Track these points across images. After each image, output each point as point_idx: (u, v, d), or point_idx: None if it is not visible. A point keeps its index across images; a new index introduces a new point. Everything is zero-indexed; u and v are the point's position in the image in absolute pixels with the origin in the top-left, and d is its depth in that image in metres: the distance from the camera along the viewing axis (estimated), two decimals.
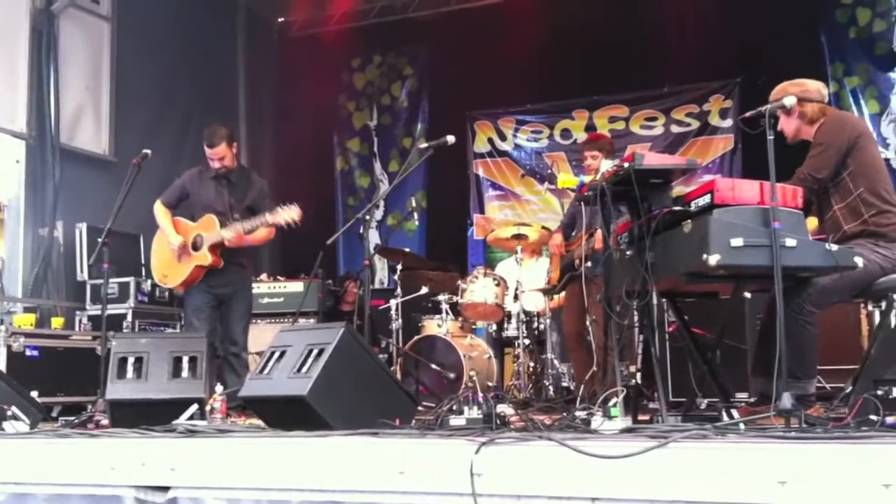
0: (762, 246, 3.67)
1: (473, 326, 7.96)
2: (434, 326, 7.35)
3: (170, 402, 4.52)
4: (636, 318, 4.50)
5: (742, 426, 3.50)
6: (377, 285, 10.39)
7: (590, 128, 10.45)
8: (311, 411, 3.93)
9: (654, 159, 4.03)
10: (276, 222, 6.23)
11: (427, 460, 3.09)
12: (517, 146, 10.91)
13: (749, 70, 9.37)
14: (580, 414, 4.21)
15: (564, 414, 4.50)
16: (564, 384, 7.44)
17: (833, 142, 4.42)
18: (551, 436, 3.20)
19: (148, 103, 9.54)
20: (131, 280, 7.91)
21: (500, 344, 7.88)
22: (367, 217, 5.87)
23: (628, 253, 4.13)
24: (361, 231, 6.10)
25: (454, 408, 3.86)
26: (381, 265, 10.74)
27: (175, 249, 6.41)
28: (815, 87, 4.61)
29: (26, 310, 7.84)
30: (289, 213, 6.18)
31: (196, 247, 6.39)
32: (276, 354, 4.33)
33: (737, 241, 3.67)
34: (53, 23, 8.42)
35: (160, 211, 6.60)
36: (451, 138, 5.73)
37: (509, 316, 7.50)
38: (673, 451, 2.82)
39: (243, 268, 6.66)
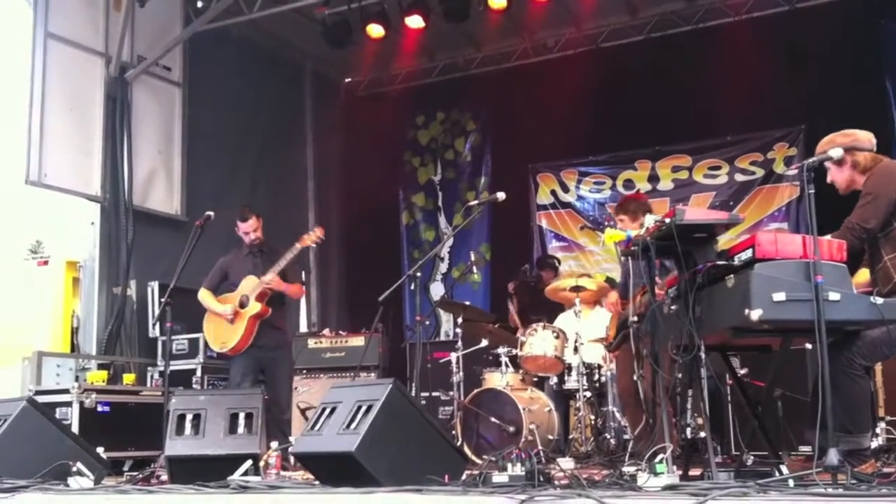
0: (805, 300, 3.64)
1: (535, 379, 7.94)
2: (495, 379, 7.36)
3: (226, 457, 4.64)
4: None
5: (791, 482, 3.46)
6: (442, 337, 10.44)
7: (653, 178, 10.44)
8: (359, 467, 4.00)
9: (694, 214, 4.06)
10: (303, 245, 6.79)
11: None
12: (580, 197, 10.92)
13: (814, 117, 9.26)
14: (629, 469, 4.18)
15: (612, 470, 4.47)
16: (627, 437, 7.35)
17: (882, 192, 4.36)
18: (590, 493, 3.24)
19: (218, 164, 9.86)
20: (200, 336, 8.07)
21: (562, 396, 7.83)
22: (418, 274, 5.96)
23: (673, 308, 4.13)
24: (412, 288, 6.20)
25: (499, 464, 3.87)
26: (446, 318, 10.82)
27: (227, 316, 6.80)
28: (865, 136, 4.54)
29: (100, 366, 8.12)
30: (310, 237, 6.80)
31: (243, 305, 6.81)
32: (327, 411, 4.43)
33: (779, 296, 3.66)
34: (127, 90, 8.80)
35: (205, 295, 7.02)
36: (500, 195, 5.82)
37: (570, 368, 7.47)
38: None
39: (283, 332, 7.15)
